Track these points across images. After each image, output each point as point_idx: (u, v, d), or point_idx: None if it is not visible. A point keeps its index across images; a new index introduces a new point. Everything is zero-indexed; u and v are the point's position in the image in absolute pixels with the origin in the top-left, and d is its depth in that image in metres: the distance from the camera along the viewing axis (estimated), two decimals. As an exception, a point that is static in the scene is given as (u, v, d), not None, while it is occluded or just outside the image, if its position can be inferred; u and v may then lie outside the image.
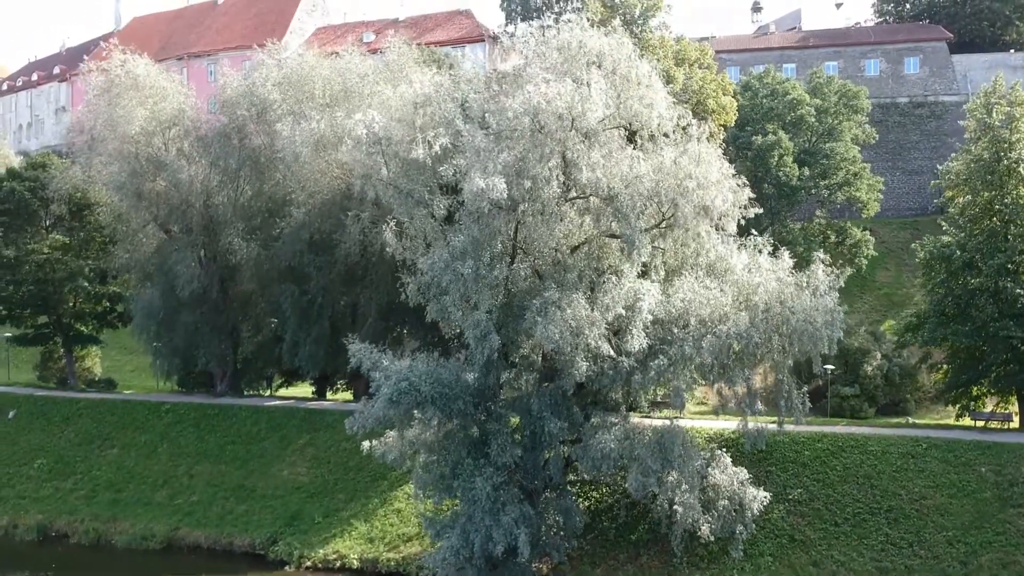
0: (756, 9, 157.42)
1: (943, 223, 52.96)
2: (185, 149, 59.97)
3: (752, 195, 41.59)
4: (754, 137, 74.92)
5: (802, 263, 73.25)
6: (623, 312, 37.97)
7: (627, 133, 40.35)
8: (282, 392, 67.23)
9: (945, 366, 51.74)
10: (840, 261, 77.88)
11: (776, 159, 74.07)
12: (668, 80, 57.84)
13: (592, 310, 37.62)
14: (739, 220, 40.82)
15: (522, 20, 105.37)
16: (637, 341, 37.89)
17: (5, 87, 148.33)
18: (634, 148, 39.87)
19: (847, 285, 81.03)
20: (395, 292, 44.38)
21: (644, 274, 40.16)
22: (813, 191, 77.35)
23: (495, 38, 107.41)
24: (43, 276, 66.91)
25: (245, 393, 65.33)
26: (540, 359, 42.71)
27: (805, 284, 41.18)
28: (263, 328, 63.66)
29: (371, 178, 42.46)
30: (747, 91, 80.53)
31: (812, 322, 38.99)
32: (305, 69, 56.23)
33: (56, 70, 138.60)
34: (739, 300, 40.08)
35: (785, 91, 78.62)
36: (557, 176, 37.65)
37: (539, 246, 39.37)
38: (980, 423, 50.05)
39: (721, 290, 39.81)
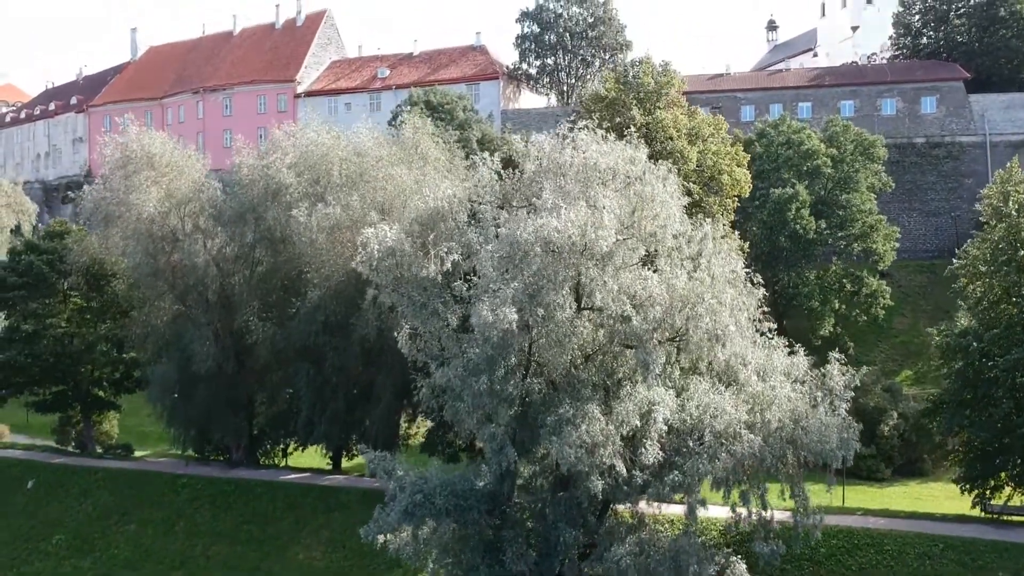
0: (771, 28, 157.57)
1: (961, 306, 52.48)
2: (201, 224, 60.11)
3: (763, 294, 41.79)
4: (772, 190, 74.79)
5: (817, 316, 74.30)
6: (638, 424, 38.05)
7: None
8: (297, 457, 67.02)
9: (962, 452, 51.35)
10: (856, 311, 78.03)
11: (793, 212, 73.98)
12: (682, 159, 57.89)
13: (607, 423, 37.67)
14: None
15: (536, 58, 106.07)
16: (652, 454, 37.80)
17: (23, 115, 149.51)
18: (648, 258, 39.83)
19: (862, 334, 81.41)
20: (410, 374, 44.44)
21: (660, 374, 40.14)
22: (830, 242, 77.20)
23: (509, 75, 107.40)
24: (61, 350, 67.41)
25: (261, 463, 65.53)
26: (555, 462, 42.71)
27: (820, 385, 41.27)
28: (278, 399, 63.78)
29: (384, 288, 42.56)
30: (762, 138, 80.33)
31: (826, 441, 38.98)
32: (321, 150, 56.00)
33: (73, 100, 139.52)
34: (754, 411, 40.03)
35: (800, 140, 78.34)
36: (571, 303, 37.75)
37: (553, 360, 39.37)
38: (994, 515, 49.65)
39: (735, 401, 39.67)
